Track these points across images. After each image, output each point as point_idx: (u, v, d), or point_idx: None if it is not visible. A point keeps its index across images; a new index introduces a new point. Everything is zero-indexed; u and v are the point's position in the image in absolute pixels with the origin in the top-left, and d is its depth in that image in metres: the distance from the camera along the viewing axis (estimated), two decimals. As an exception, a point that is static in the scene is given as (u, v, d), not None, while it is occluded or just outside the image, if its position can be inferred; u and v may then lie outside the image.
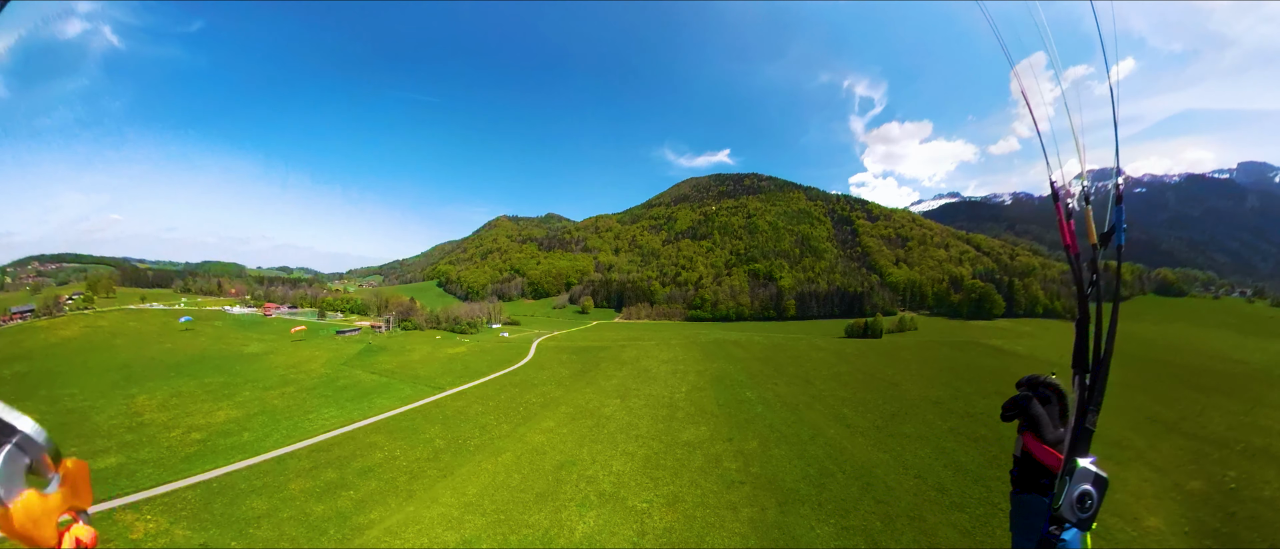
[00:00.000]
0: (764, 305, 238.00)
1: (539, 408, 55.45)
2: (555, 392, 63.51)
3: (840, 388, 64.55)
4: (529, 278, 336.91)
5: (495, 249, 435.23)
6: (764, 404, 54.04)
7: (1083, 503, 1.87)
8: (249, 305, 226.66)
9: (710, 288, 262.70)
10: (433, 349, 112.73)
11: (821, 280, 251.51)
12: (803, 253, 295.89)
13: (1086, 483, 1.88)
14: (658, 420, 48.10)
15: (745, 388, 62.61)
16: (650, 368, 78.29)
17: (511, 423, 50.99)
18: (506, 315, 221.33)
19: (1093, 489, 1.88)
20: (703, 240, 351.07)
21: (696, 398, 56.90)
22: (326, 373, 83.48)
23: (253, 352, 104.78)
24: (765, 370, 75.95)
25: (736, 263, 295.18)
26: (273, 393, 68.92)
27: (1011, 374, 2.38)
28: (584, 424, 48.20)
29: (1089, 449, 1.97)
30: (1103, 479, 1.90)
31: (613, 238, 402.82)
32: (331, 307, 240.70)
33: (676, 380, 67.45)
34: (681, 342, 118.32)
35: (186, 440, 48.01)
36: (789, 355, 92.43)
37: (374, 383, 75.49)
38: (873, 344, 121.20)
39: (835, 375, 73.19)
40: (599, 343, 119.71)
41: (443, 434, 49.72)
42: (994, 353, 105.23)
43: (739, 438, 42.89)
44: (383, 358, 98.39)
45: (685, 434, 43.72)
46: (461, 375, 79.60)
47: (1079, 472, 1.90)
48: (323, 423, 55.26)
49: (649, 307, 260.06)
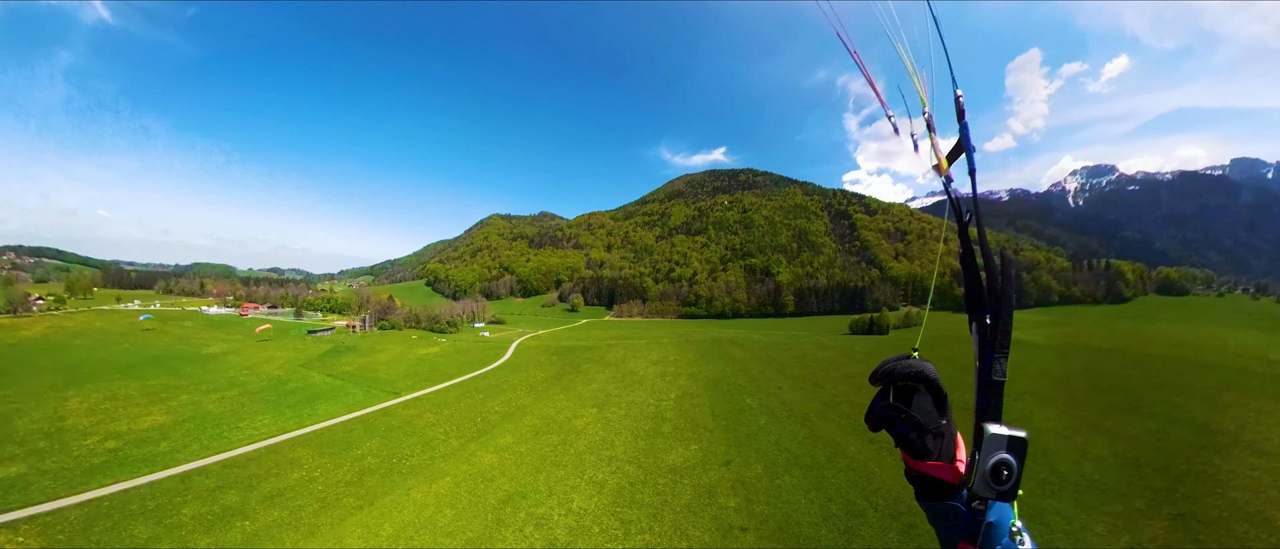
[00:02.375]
0: (762, 302, 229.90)
1: (500, 419, 46.64)
2: (523, 399, 54.71)
3: (855, 392, 56.01)
4: (518, 275, 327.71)
5: (486, 247, 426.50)
6: (768, 414, 45.40)
7: (999, 474, 1.56)
8: (228, 306, 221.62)
9: (705, 284, 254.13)
10: (404, 350, 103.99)
11: (821, 275, 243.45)
12: (800, 248, 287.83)
13: (1000, 450, 1.56)
14: (639, 436, 39.38)
15: (745, 394, 53.98)
16: (636, 370, 69.56)
17: (463, 437, 42.24)
18: (492, 314, 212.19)
19: (1009, 456, 1.56)
20: (697, 236, 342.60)
21: (687, 407, 48.18)
22: (279, 375, 75.37)
23: (212, 352, 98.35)
24: (767, 373, 67.39)
25: (732, 258, 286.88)
26: (213, 397, 61.20)
27: (1038, 368, 1.32)
28: (548, 441, 39.43)
29: (1000, 409, 1.58)
30: (1020, 440, 1.57)
31: (605, 234, 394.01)
32: (311, 306, 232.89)
33: (665, 385, 58.74)
34: (674, 341, 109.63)
35: (99, 449, 42.06)
36: (792, 355, 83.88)
37: (326, 386, 67.34)
38: (880, 341, 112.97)
39: (847, 378, 64.68)
40: (584, 343, 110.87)
41: (379, 450, 41.18)
42: (1015, 346, 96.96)
43: (739, 461, 34.23)
44: (346, 359, 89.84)
45: (671, 456, 35.01)
46: (425, 379, 71.13)
47: (990, 439, 1.57)
48: (252, 432, 47.64)
49: (641, 304, 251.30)
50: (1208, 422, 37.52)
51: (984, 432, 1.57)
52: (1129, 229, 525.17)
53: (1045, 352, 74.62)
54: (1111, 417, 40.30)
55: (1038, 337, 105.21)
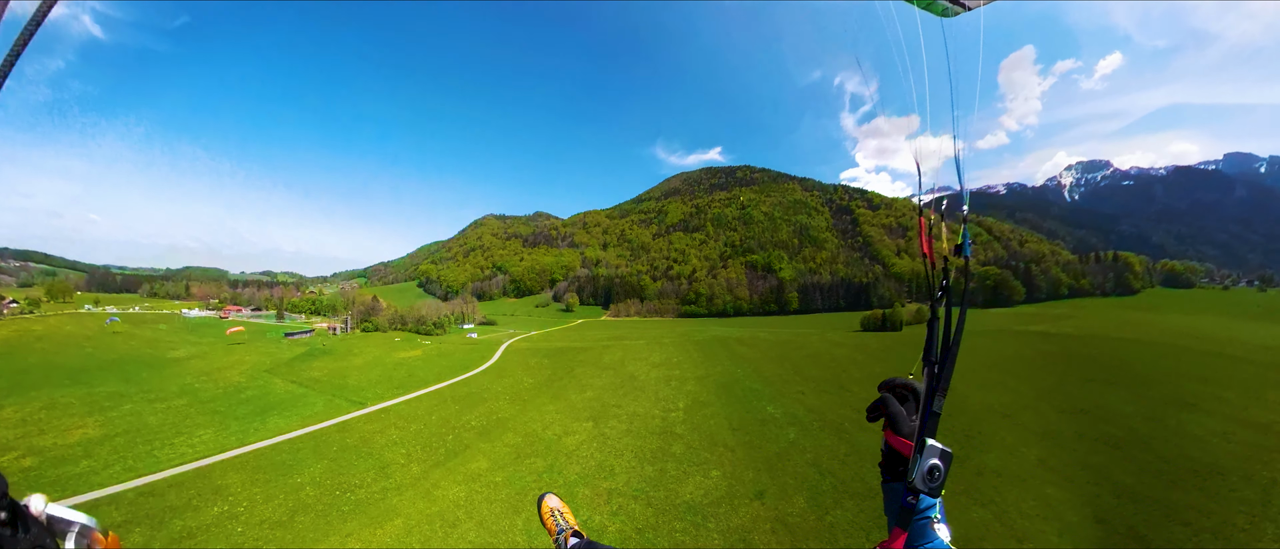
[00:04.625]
0: (764, 299, 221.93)
1: (475, 437, 38.79)
2: (506, 410, 46.81)
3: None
4: (511, 275, 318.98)
5: (479, 247, 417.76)
6: (797, 426, 37.74)
7: (932, 475, 2.08)
8: (211, 308, 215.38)
9: (705, 281, 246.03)
10: (383, 353, 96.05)
11: (824, 271, 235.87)
12: (802, 243, 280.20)
13: (934, 458, 2.08)
14: (644, 459, 31.64)
15: (764, 400, 46.31)
16: (637, 374, 61.77)
17: (427, 461, 34.40)
18: (482, 315, 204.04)
19: (939, 463, 2.08)
20: (695, 233, 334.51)
21: (700, 419, 40.46)
22: (239, 382, 67.69)
23: (176, 356, 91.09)
24: (783, 374, 59.78)
25: (732, 255, 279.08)
26: (158, 407, 53.55)
27: (1079, 359, 1.49)
28: (532, 467, 31.64)
29: (936, 430, 2.14)
30: (948, 453, 2.10)
31: (601, 233, 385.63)
32: (296, 308, 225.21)
33: (671, 391, 50.93)
34: (675, 340, 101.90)
35: (11, 469, 35.28)
36: (806, 354, 76.32)
37: (285, 395, 59.45)
38: (895, 338, 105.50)
39: (871, 379, 56.01)
40: (578, 343, 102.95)
41: (322, 477, 33.26)
42: (1044, 338, 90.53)
43: (774, 491, 26.57)
44: (316, 364, 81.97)
45: (688, 487, 27.28)
46: (399, 386, 63.21)
47: (928, 448, 2.10)
48: (186, 450, 39.86)
49: (639, 303, 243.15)
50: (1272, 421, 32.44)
51: (924, 443, 2.09)
52: (1125, 224, 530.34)
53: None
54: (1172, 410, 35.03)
55: (1068, 328, 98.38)
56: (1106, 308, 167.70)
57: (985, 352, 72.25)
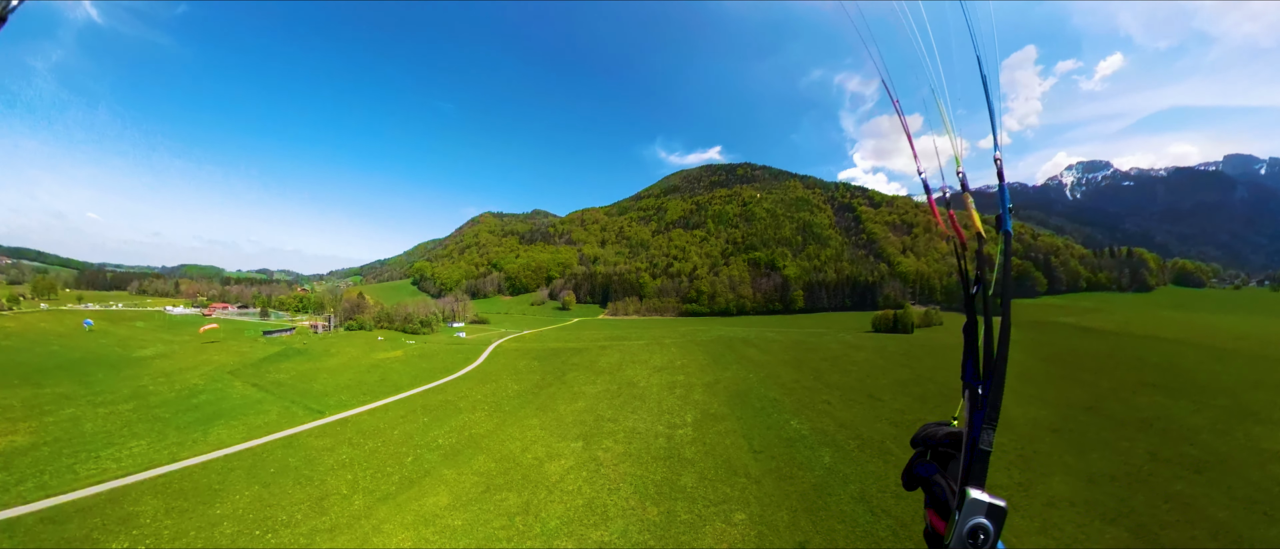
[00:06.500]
0: (768, 297, 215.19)
1: (440, 460, 32.09)
2: (482, 424, 40.08)
3: (922, 408, 42.38)
4: (506, 272, 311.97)
5: (475, 244, 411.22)
6: (831, 447, 31.13)
7: (975, 538, 1.64)
8: (197, 306, 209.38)
9: (706, 279, 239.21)
10: (362, 354, 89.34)
11: (829, 269, 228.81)
12: (806, 240, 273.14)
13: (979, 515, 1.65)
14: (647, 495, 24.99)
15: (786, 413, 39.73)
16: (636, 380, 55.10)
17: (375, 492, 27.76)
18: (475, 313, 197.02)
19: (987, 522, 1.66)
20: (696, 229, 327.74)
21: (713, 438, 33.80)
22: (196, 384, 62.02)
23: (143, 355, 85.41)
24: (803, 380, 53.23)
25: (734, 252, 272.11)
26: (101, 412, 48.64)
27: (1127, 361, 1.39)
28: (503, 506, 24.93)
29: (985, 475, 1.67)
30: (999, 509, 1.67)
31: (599, 230, 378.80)
32: (283, 305, 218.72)
33: (676, 402, 44.29)
34: (677, 341, 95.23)
35: None
36: (823, 357, 69.75)
37: (240, 401, 53.52)
38: (911, 341, 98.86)
39: (901, 386, 50.82)
40: (573, 344, 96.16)
41: (248, 510, 27.18)
42: (1082, 333, 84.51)
43: (820, 543, 19.97)
44: (285, 365, 75.49)
45: (705, 540, 20.60)
46: (369, 392, 56.68)
47: (970, 503, 1.67)
48: (112, 465, 34.54)
49: (638, 301, 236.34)
50: None
51: (966, 495, 1.65)
52: (1129, 222, 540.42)
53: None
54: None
55: (1102, 323, 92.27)
56: (1130, 303, 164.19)
57: (1020, 345, 66.36)
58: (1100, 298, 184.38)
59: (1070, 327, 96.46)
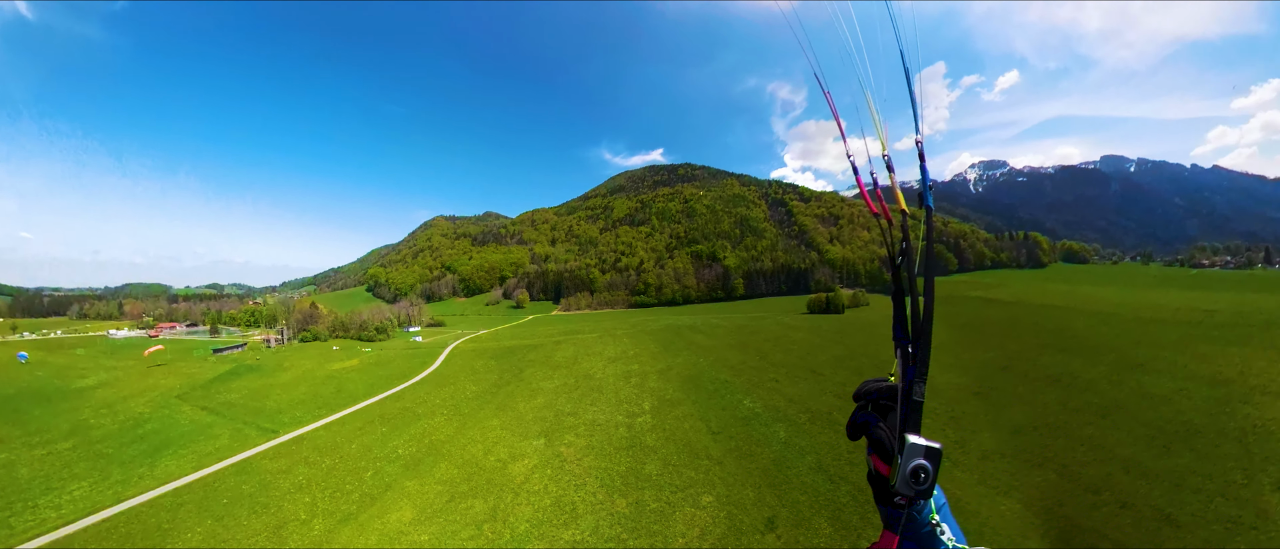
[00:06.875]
0: (711, 286, 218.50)
1: (401, 471, 29.52)
2: (442, 430, 37.48)
3: (860, 379, 42.71)
4: (460, 274, 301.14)
5: (428, 248, 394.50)
6: (785, 422, 30.90)
7: (917, 477, 1.77)
8: (143, 327, 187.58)
9: (653, 272, 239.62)
10: (316, 365, 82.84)
11: (765, 258, 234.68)
12: (743, 233, 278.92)
13: (918, 458, 1.77)
14: (614, 487, 23.71)
15: (738, 393, 39.40)
16: (593, 372, 53.54)
17: (335, 514, 25.08)
18: (431, 316, 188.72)
19: (926, 462, 1.77)
20: (641, 226, 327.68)
21: (672, 423, 32.87)
22: (141, 413, 54.54)
23: (84, 385, 73.19)
24: (749, 362, 53.31)
25: (677, 246, 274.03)
26: (37, 454, 42.18)
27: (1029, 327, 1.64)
28: (468, 512, 22.98)
29: (920, 423, 1.80)
30: (934, 450, 1.80)
31: (549, 229, 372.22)
32: (233, 321, 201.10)
33: (633, 391, 43.11)
34: (629, 331, 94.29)
35: None
36: (765, 338, 70.60)
37: (190, 426, 47.62)
38: (843, 320, 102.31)
39: (839, 362, 51.77)
40: (529, 341, 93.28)
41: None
42: (989, 305, 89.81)
43: (787, 516, 19.45)
44: (237, 384, 68.55)
45: (676, 527, 19.59)
46: (325, 404, 52.29)
47: (909, 447, 1.79)
48: (50, 515, 29.40)
49: (589, 296, 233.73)
50: (1215, 373, 32.75)
51: (905, 440, 1.76)
52: (1022, 212, 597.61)
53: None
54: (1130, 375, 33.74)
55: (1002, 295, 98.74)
56: (1026, 278, 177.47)
57: (937, 318, 69.38)
58: (1001, 274, 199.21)
59: (978, 299, 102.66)
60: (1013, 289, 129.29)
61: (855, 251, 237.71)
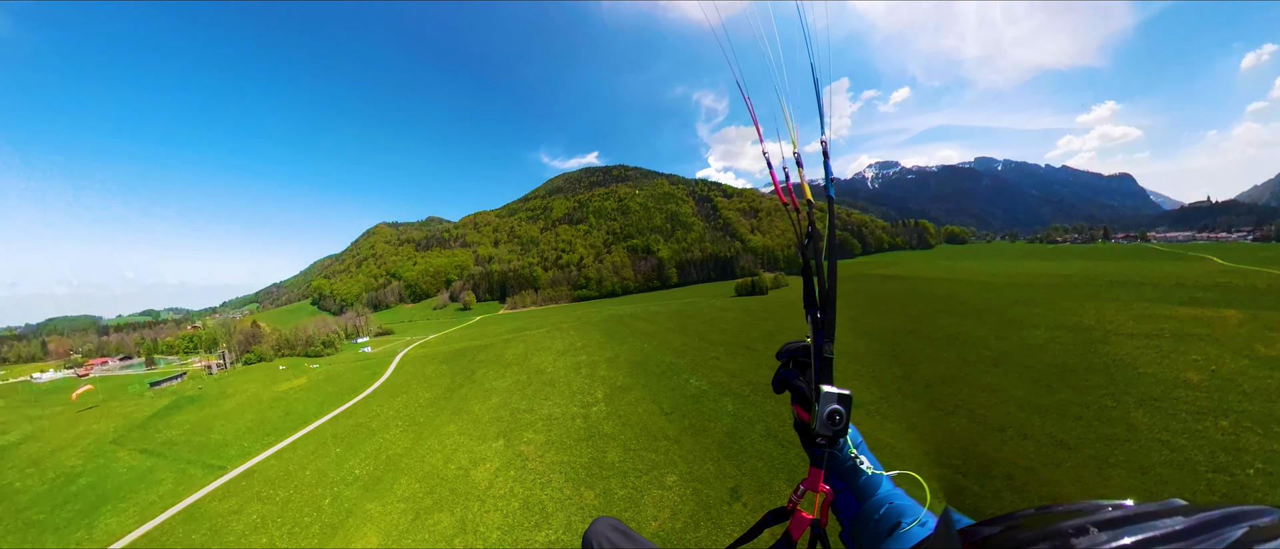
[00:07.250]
0: (647, 277, 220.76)
1: (361, 494, 27.03)
2: (398, 443, 34.87)
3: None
4: (406, 280, 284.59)
5: (372, 255, 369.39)
6: (731, 396, 31.42)
7: (833, 420, 1.94)
8: (71, 366, 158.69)
9: (593, 267, 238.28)
10: (262, 388, 74.61)
11: (695, 249, 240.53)
12: (674, 227, 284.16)
13: (832, 403, 1.94)
14: (579, 480, 22.96)
15: (684, 374, 39.68)
16: (544, 367, 52.09)
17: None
18: (378, 325, 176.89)
19: (839, 407, 1.94)
20: (579, 224, 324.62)
21: (626, 409, 32.47)
22: (73, 466, 44.06)
23: (6, 442, 57.40)
24: (691, 344, 53.94)
25: (614, 241, 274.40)
26: None
27: (924, 297, 4.91)
28: (436, 527, 21.36)
29: (831, 375, 2.02)
30: (846, 396, 1.95)
31: (491, 231, 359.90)
32: (170, 349, 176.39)
33: (584, 382, 42.29)
34: (574, 324, 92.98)
35: None
36: (703, 321, 71.88)
37: (129, 474, 39.60)
38: (767, 301, 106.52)
39: (769, 337, 53.45)
40: (479, 341, 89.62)
41: None
42: (889, 280, 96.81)
43: (749, 484, 19.71)
44: (178, 418, 59.52)
45: (647, 510, 19.19)
46: (273, 431, 46.85)
47: (824, 395, 1.94)
48: None
49: (534, 293, 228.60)
50: (1078, 322, 37.12)
51: (820, 390, 1.93)
52: (911, 203, 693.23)
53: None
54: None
55: (902, 270, 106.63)
56: (918, 258, 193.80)
57: (848, 296, 73.59)
58: (897, 255, 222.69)
59: (879, 276, 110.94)
60: (908, 267, 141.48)
61: (774, 240, 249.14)
